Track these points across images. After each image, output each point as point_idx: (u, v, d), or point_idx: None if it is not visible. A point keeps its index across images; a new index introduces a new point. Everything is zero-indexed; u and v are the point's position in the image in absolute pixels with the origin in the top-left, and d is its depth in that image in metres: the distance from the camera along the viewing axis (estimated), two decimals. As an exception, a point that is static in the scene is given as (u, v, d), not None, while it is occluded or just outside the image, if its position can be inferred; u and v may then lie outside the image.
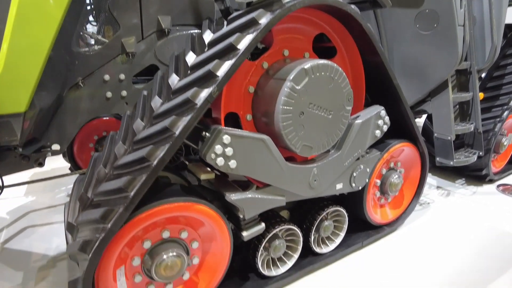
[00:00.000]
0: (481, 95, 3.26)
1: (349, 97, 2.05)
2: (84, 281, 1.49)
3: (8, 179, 2.47)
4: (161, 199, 1.68)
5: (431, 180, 3.86)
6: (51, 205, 3.41)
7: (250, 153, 1.78)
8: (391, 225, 2.80)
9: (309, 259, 2.35)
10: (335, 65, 1.93)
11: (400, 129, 2.60)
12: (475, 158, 3.20)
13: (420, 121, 4.25)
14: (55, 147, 2.40)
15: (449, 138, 2.98)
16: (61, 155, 3.33)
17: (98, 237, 1.48)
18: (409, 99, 3.08)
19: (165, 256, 1.72)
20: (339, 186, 2.27)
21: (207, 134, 1.73)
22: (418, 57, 2.91)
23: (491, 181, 3.72)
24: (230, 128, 1.73)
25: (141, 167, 1.57)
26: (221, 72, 1.60)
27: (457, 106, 3.31)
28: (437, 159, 3.12)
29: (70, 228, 1.69)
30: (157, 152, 1.55)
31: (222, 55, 1.67)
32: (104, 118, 3.45)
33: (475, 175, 3.69)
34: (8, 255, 2.62)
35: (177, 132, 1.55)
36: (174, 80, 1.86)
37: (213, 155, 1.67)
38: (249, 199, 1.87)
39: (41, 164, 2.35)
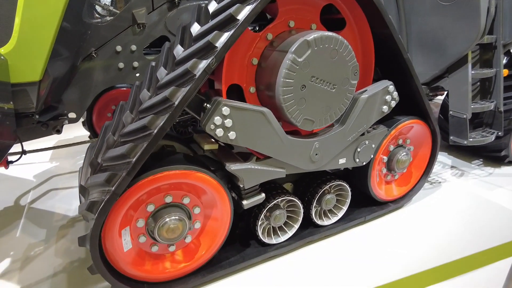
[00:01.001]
0: (505, 72, 3.07)
1: (355, 71, 2.01)
2: (91, 238, 1.63)
3: (33, 145, 2.65)
4: (165, 166, 1.77)
5: (446, 159, 3.77)
6: (72, 170, 3.64)
7: (249, 125, 1.82)
8: (397, 202, 2.79)
9: (310, 230, 2.41)
10: (340, 37, 1.89)
11: (411, 105, 2.54)
12: (492, 138, 3.07)
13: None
14: (71, 115, 2.53)
15: (464, 116, 2.87)
16: (81, 125, 3.50)
17: (103, 198, 1.60)
18: (425, 74, 2.97)
19: (167, 219, 1.83)
20: (342, 160, 2.28)
21: (208, 105, 1.78)
22: (436, 30, 2.77)
23: (510, 162, 3.58)
24: (230, 100, 1.76)
25: (143, 135, 1.65)
26: (219, 43, 1.62)
27: (478, 83, 3.15)
28: (451, 137, 3.03)
29: (82, 190, 1.83)
30: (157, 121, 1.62)
31: (222, 26, 1.68)
32: (122, 89, 3.55)
33: (493, 156, 3.56)
34: (33, 214, 2.86)
35: (176, 102, 1.60)
36: (179, 51, 1.89)
37: (212, 126, 1.72)
38: (248, 169, 1.93)
39: (58, 131, 2.49)
